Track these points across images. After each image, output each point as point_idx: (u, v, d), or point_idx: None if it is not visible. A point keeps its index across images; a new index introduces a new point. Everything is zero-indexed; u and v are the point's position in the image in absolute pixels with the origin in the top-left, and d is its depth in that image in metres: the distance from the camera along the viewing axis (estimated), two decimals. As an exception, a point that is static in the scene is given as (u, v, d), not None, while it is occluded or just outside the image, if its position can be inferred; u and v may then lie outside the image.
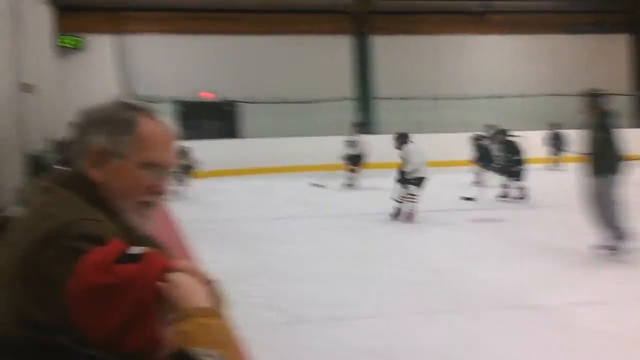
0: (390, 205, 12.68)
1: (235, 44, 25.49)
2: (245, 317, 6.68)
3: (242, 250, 10.22)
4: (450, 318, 6.66)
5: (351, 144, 18.64)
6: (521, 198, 14.57)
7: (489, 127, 22.61)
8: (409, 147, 12.74)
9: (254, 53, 25.48)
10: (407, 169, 12.54)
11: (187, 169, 17.03)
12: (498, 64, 27.82)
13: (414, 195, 12.43)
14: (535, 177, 20.19)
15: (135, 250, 1.50)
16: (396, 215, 12.52)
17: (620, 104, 27.48)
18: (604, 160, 8.59)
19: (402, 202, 12.48)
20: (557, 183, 18.30)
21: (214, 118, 25.65)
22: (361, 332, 6.26)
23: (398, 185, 12.63)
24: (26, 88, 14.53)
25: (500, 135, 15.67)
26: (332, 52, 26.46)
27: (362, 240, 10.93)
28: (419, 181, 12.44)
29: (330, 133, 24.24)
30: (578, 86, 26.20)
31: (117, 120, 1.79)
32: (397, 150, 12.74)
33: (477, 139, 17.67)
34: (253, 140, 24.21)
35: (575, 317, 6.56)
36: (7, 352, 1.55)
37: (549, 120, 24.49)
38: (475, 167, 17.45)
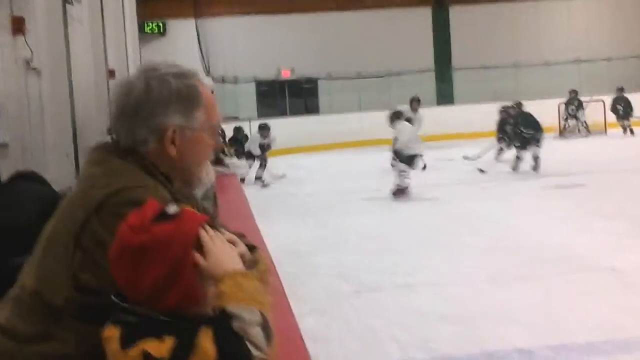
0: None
1: (313, 22, 25.55)
2: (318, 287, 6.92)
3: (318, 223, 10.39)
4: (523, 283, 6.67)
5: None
6: (535, 168, 14.20)
7: (572, 92, 22.18)
8: (399, 124, 12.58)
9: (333, 29, 25.49)
10: (398, 146, 12.32)
11: (267, 148, 16.04)
12: (580, 27, 27.02)
13: (404, 171, 12.16)
14: (613, 141, 19.82)
15: (172, 209, 1.54)
16: (395, 192, 12.24)
17: None
18: None
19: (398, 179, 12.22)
20: (632, 147, 17.79)
21: (293, 96, 25.84)
22: (433, 299, 6.33)
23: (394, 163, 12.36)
24: (110, 74, 14.97)
25: (515, 107, 15.47)
26: (411, 24, 26.23)
27: (437, 210, 10.96)
28: (409, 159, 12.19)
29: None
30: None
31: (186, 97, 1.83)
32: (391, 128, 12.67)
33: (504, 110, 16.46)
34: (332, 116, 24.28)
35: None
36: (65, 319, 1.66)
37: (636, 83, 23.80)
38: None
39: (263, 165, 15.31)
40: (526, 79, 25.57)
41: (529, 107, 22.10)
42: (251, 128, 20.92)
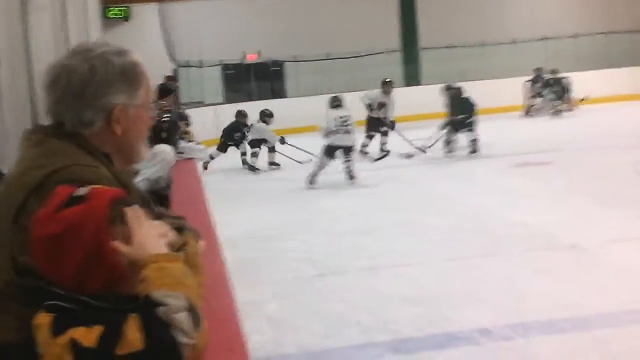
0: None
1: (278, 4, 25.29)
2: (283, 271, 6.93)
3: (287, 207, 10.37)
4: (485, 262, 6.74)
5: (371, 106, 16.22)
6: (473, 151, 14.10)
7: (536, 70, 22.24)
8: (328, 112, 12.44)
9: (298, 11, 25.27)
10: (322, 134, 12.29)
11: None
12: (547, 4, 27.07)
13: (320, 159, 12.14)
14: (579, 119, 19.97)
15: (82, 190, 1.50)
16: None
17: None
18: None
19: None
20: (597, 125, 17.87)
21: (260, 79, 25.66)
22: (395, 281, 6.37)
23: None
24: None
25: (451, 90, 15.19)
26: (377, 4, 26.06)
27: (405, 190, 10.97)
28: (326, 149, 12.06)
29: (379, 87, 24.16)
30: (634, 22, 25.70)
31: (131, 74, 1.83)
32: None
33: (448, 88, 15.73)
34: (300, 99, 24.17)
35: (608, 255, 6.59)
36: (6, 303, 1.59)
37: (602, 60, 23.97)
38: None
39: (273, 149, 15.03)
40: (493, 57, 25.58)
41: (497, 85, 22.38)
42: (217, 113, 20.78)
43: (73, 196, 1.49)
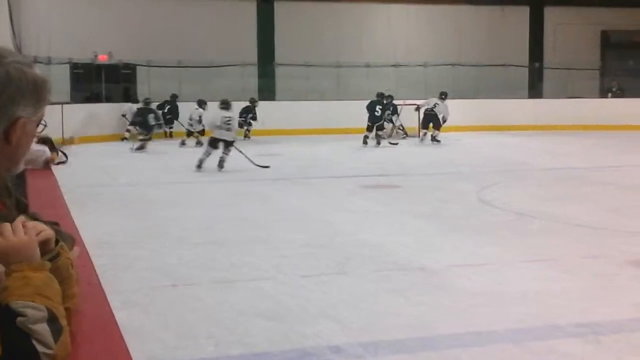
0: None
1: (134, 5, 24.89)
2: (132, 281, 6.74)
3: (135, 214, 10.12)
4: (338, 280, 6.80)
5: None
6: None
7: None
8: (217, 111, 15.19)
9: (154, 15, 24.94)
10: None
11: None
12: (401, 32, 28.06)
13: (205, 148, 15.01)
14: (427, 145, 20.79)
15: None
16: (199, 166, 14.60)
17: (519, 75, 28.36)
18: None
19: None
20: (445, 152, 18.69)
21: (110, 81, 24.97)
22: (249, 295, 6.32)
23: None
24: None
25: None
26: (236, 16, 26.16)
27: (257, 204, 10.97)
28: (212, 141, 14.89)
29: (231, 99, 24.12)
30: (479, 57, 27.03)
31: (40, 89, 1.76)
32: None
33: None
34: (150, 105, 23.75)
35: (457, 278, 6.82)
36: None
37: (449, 90, 25.06)
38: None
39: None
40: (348, 79, 26.21)
41: (349, 107, 22.86)
42: (63, 112, 20.08)
43: None
